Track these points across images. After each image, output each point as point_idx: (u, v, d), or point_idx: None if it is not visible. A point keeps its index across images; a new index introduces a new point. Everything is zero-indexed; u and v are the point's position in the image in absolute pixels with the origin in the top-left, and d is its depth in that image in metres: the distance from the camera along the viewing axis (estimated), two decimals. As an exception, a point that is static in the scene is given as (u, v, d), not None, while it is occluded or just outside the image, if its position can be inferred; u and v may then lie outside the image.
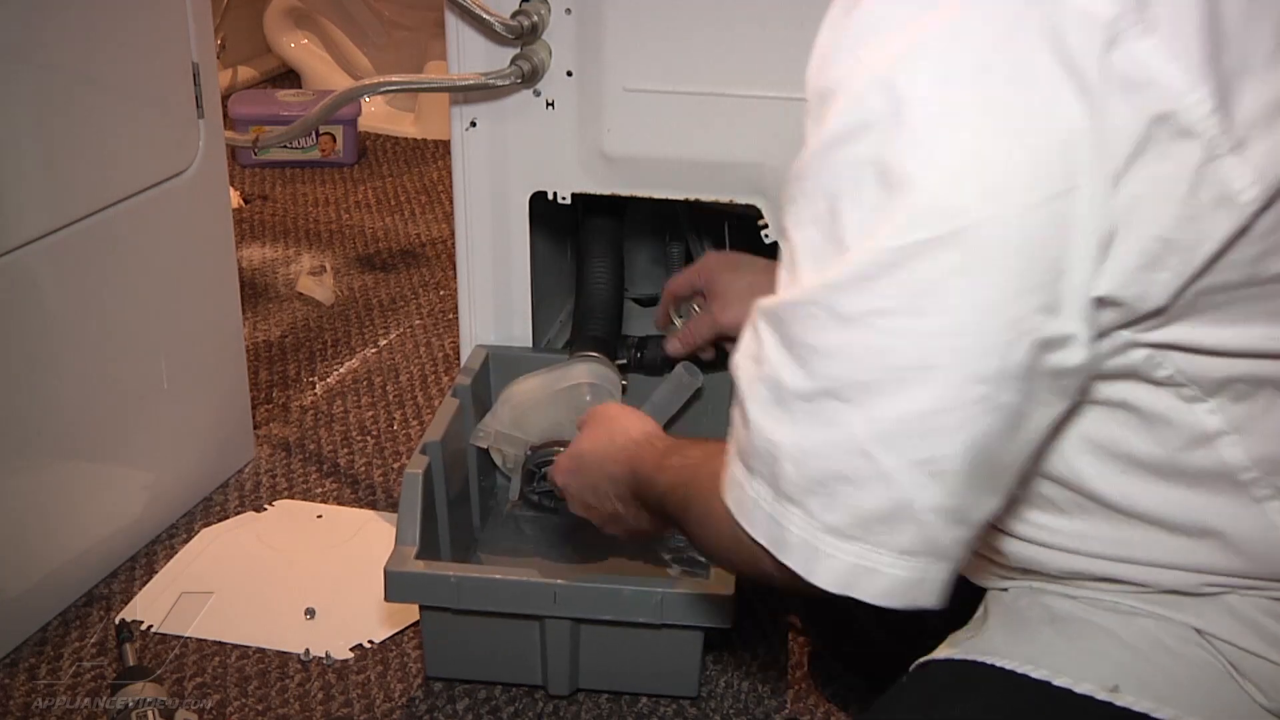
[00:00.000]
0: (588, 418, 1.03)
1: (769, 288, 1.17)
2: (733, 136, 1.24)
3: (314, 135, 2.56)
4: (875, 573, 0.66)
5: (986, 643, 0.79)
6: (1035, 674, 0.75)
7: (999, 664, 0.76)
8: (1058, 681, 0.74)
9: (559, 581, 1.10)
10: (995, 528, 0.76)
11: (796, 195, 0.67)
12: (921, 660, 0.82)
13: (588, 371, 1.27)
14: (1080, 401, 0.68)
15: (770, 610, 1.31)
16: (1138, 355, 0.67)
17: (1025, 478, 0.71)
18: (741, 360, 0.70)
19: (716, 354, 1.31)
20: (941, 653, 0.81)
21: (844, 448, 0.64)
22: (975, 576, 0.84)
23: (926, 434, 0.63)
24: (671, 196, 1.30)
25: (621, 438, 0.96)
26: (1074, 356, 0.64)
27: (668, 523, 0.89)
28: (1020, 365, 0.62)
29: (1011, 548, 0.77)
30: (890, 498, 0.64)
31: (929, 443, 0.63)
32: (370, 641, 1.26)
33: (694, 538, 0.82)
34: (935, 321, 0.62)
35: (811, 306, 0.65)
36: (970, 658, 0.78)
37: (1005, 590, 0.82)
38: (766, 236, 1.28)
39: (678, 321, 1.34)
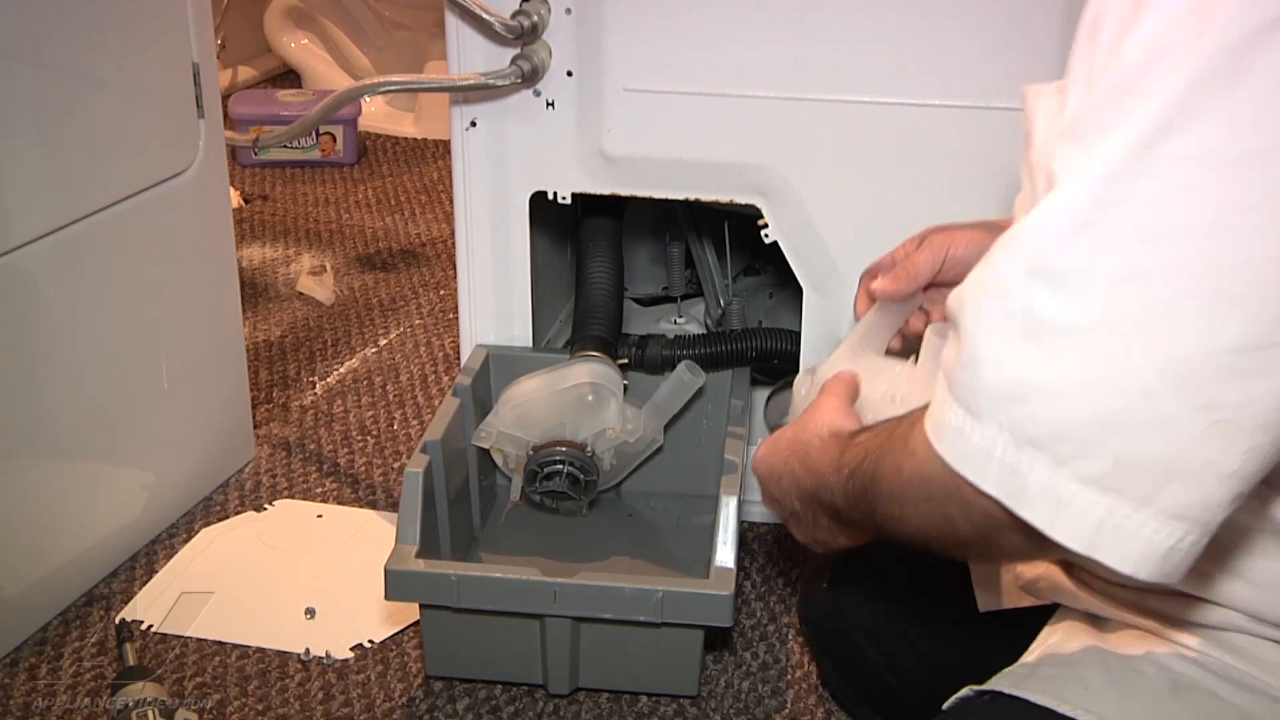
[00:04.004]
0: (811, 403, 0.89)
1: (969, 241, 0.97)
2: (733, 136, 1.25)
3: (314, 135, 2.57)
4: (1129, 533, 0.58)
5: (1095, 700, 0.70)
6: None
7: None
8: None
9: (559, 580, 1.10)
10: None
11: (1098, 106, 0.58)
12: (997, 690, 0.73)
13: (589, 371, 1.28)
14: None
15: (771, 610, 1.31)
16: None
17: None
18: (976, 294, 0.61)
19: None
20: (1027, 689, 0.72)
21: (1118, 387, 0.56)
22: (1069, 594, 0.77)
23: (1224, 376, 0.55)
24: (671, 196, 1.30)
25: (812, 429, 0.84)
26: None
27: (849, 529, 0.80)
28: None
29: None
30: (1166, 447, 0.57)
31: (1225, 387, 0.56)
32: (370, 641, 1.26)
33: (888, 520, 0.71)
34: (1251, 248, 0.54)
35: (1103, 223, 0.56)
36: (1071, 714, 0.70)
37: (1106, 624, 0.75)
38: (767, 236, 1.29)
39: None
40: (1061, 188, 0.59)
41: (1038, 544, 0.61)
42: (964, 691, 0.75)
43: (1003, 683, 0.75)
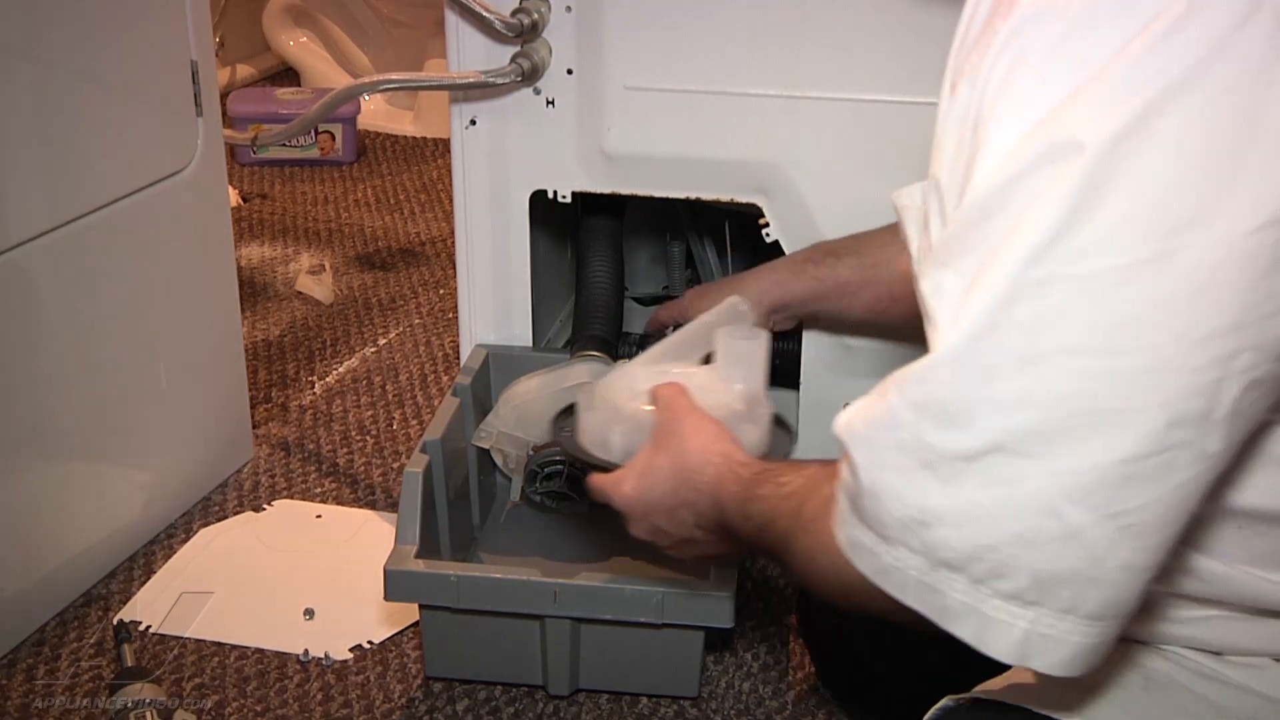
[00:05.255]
0: (657, 431, 0.91)
1: (751, 293, 1.14)
2: (734, 135, 1.25)
3: (313, 133, 2.57)
4: (1056, 640, 0.60)
5: (1068, 698, 0.72)
6: None
7: None
8: None
9: (559, 581, 1.10)
10: None
11: (960, 234, 0.60)
12: (974, 697, 0.75)
13: (589, 371, 1.28)
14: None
15: (771, 610, 1.31)
16: None
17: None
18: (864, 427, 0.63)
19: None
20: (1006, 694, 0.74)
21: (1022, 507, 0.58)
22: None
23: (1125, 484, 0.57)
24: (672, 195, 1.30)
25: (698, 458, 0.86)
26: None
27: (757, 553, 0.83)
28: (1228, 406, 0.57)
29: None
30: (1078, 559, 0.58)
31: (1127, 494, 0.57)
32: (370, 642, 1.26)
33: (802, 576, 0.75)
34: (1134, 361, 0.56)
35: (982, 352, 0.58)
36: (1052, 715, 0.72)
37: None
38: (767, 235, 1.29)
39: None
40: (937, 318, 0.61)
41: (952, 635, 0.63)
42: (944, 701, 0.76)
43: (981, 691, 0.76)
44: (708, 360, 1.06)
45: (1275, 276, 0.55)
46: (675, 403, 0.92)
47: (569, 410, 1.11)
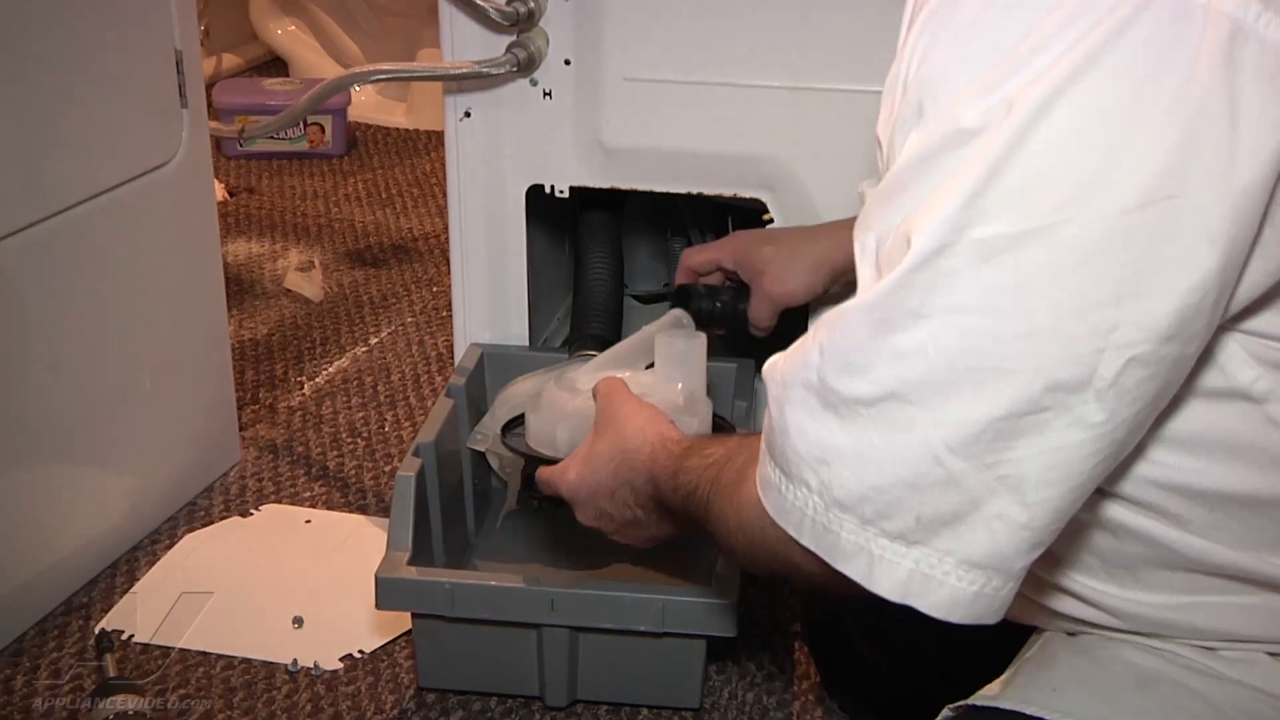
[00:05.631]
0: (598, 419, 1.00)
1: (811, 253, 1.19)
2: (737, 127, 1.25)
3: (302, 125, 2.57)
4: (936, 582, 0.65)
5: (1062, 700, 0.75)
6: None
7: None
8: None
9: (556, 588, 1.10)
10: (1054, 578, 0.75)
11: (881, 201, 0.67)
12: (971, 704, 0.78)
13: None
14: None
15: (775, 618, 1.31)
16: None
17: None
18: (783, 365, 0.70)
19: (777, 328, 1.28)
20: (1001, 698, 0.77)
21: (912, 453, 0.64)
22: (1034, 620, 0.81)
23: (1002, 438, 0.62)
24: (673, 190, 1.30)
25: (635, 439, 0.93)
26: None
27: (690, 527, 0.88)
28: (1108, 378, 0.62)
29: (1072, 598, 0.76)
30: (959, 503, 0.64)
31: (1004, 449, 0.63)
32: (360, 651, 1.26)
33: (719, 540, 0.81)
34: (1015, 325, 0.61)
35: (886, 305, 0.64)
36: (1039, 715, 0.75)
37: (1072, 635, 0.79)
38: (772, 231, 1.29)
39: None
40: (859, 275, 0.69)
41: (853, 588, 0.68)
42: (944, 713, 0.79)
43: (978, 697, 0.78)
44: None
45: (1153, 255, 0.60)
46: (614, 393, 0.99)
47: (518, 420, 1.19)
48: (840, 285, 1.22)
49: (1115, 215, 0.59)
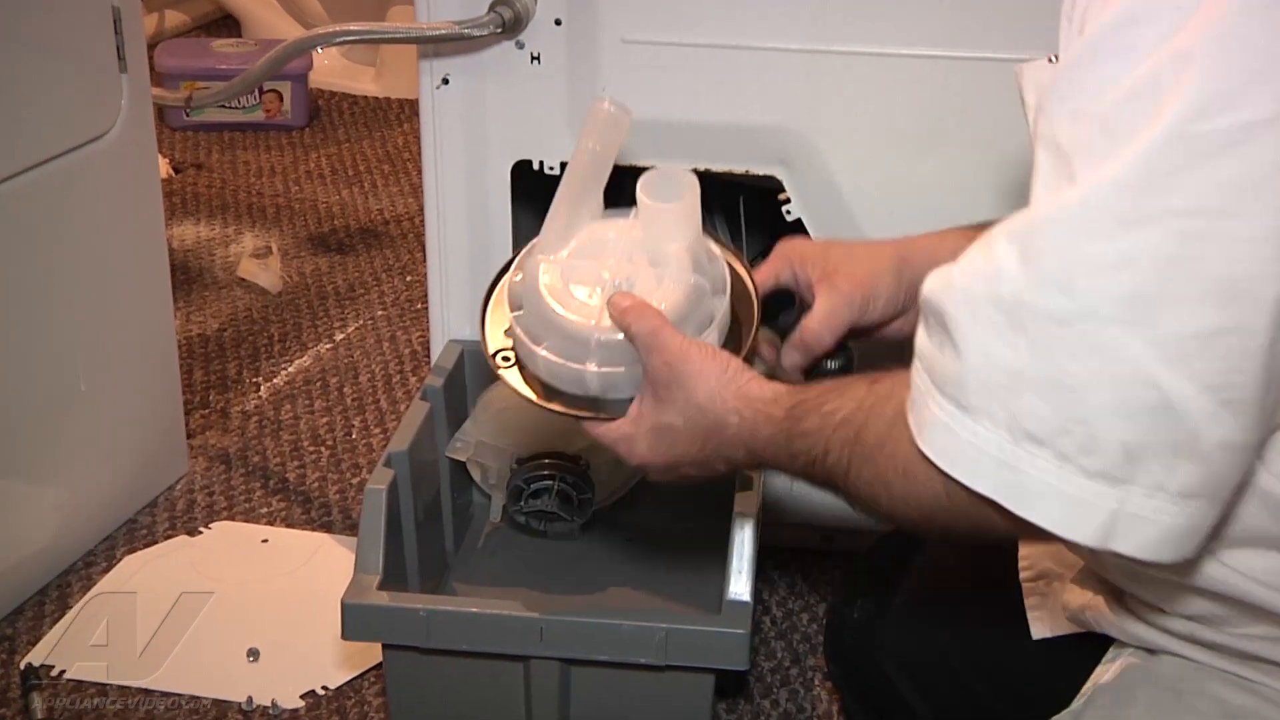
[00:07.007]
0: (653, 380, 0.92)
1: (892, 251, 1.07)
2: (749, 96, 1.25)
3: (257, 93, 2.57)
4: (1145, 520, 0.65)
5: None
6: None
7: None
8: None
9: (546, 616, 1.10)
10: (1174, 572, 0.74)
11: (1063, 89, 0.66)
12: None
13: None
14: None
15: (793, 650, 1.32)
16: None
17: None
18: (962, 279, 0.69)
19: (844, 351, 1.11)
20: None
21: (1118, 375, 0.63)
22: (1115, 624, 0.81)
23: (1226, 355, 0.62)
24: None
25: (716, 408, 0.89)
26: None
27: (806, 479, 0.86)
28: None
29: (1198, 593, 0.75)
30: (1174, 430, 0.63)
31: (1227, 365, 0.62)
32: (324, 688, 1.27)
33: (862, 502, 0.79)
34: (1249, 226, 0.61)
35: (1087, 210, 0.63)
36: None
37: (1153, 654, 0.79)
38: (789, 212, 1.29)
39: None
40: (1042, 170, 0.67)
41: (1033, 534, 0.67)
42: None
43: None
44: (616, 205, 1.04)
45: None
46: (659, 343, 0.92)
47: (495, 324, 1.04)
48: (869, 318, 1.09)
49: None
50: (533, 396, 0.99)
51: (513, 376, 1.01)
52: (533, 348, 0.99)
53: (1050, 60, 0.76)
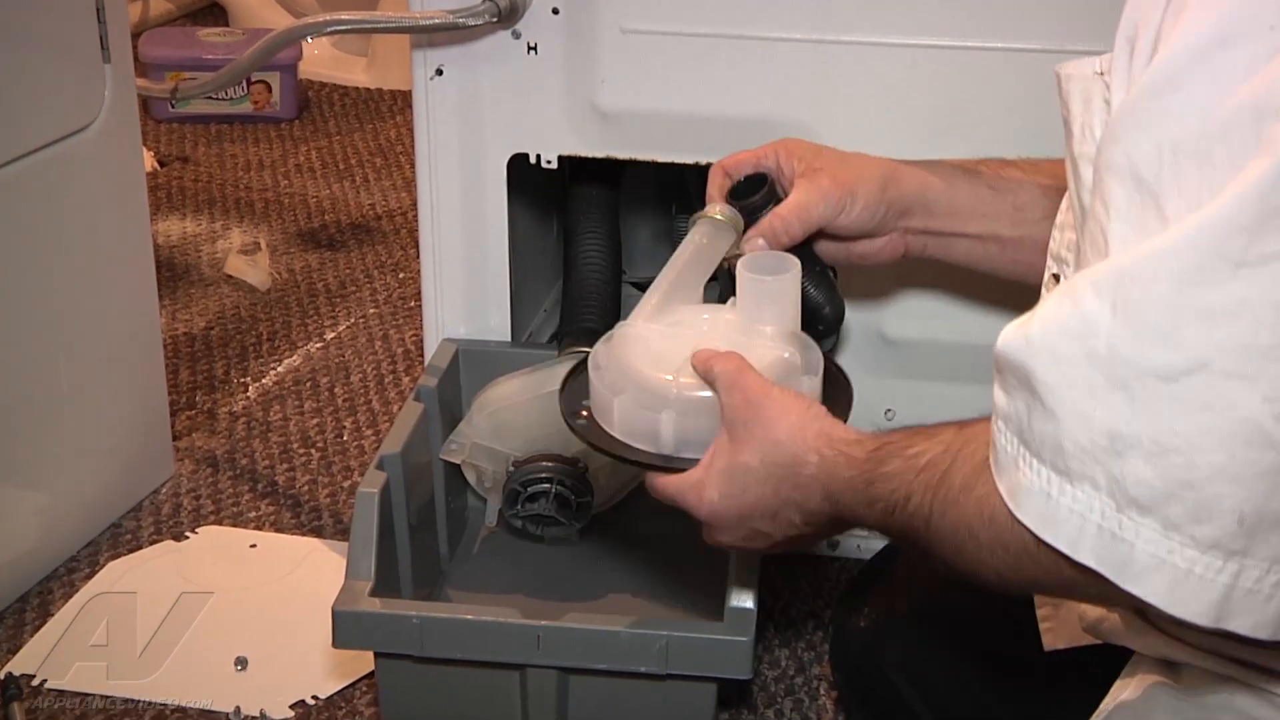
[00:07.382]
0: (731, 420, 0.91)
1: (883, 166, 1.07)
2: (751, 87, 1.25)
3: (245, 84, 2.57)
4: (1263, 596, 0.63)
5: None
6: None
7: None
8: None
9: (543, 623, 1.10)
10: None
11: (1141, 116, 0.64)
12: None
13: (578, 371, 1.28)
14: None
15: (798, 658, 1.32)
16: None
17: None
18: (1044, 335, 0.66)
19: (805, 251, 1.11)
20: None
21: (1232, 435, 0.60)
22: (1135, 637, 0.81)
23: None
24: (678, 160, 1.30)
25: (794, 446, 0.87)
26: None
27: (887, 535, 0.85)
28: None
29: None
30: None
31: None
32: (315, 697, 1.27)
33: (946, 555, 0.77)
34: None
35: (1192, 253, 0.60)
36: None
37: (1173, 667, 0.79)
38: (794, 207, 1.29)
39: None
40: (1116, 203, 0.64)
41: (1135, 604, 0.64)
42: None
43: None
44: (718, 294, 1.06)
45: None
46: (741, 382, 0.92)
47: (573, 392, 1.06)
48: (899, 230, 1.11)
49: None
50: (602, 445, 1.01)
51: (585, 430, 1.02)
52: (609, 398, 0.99)
53: (1100, 75, 0.73)
